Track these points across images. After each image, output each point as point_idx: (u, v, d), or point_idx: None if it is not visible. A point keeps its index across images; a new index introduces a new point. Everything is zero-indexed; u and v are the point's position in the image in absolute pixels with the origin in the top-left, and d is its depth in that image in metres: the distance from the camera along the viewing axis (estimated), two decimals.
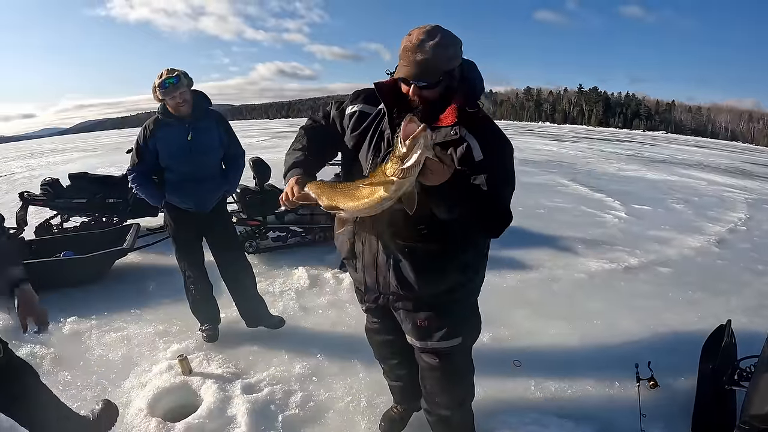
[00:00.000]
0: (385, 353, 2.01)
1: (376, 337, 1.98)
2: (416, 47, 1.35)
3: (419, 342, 1.69)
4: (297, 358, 2.70)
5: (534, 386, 2.46)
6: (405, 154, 1.17)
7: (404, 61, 1.38)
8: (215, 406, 2.23)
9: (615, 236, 5.46)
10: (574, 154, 16.23)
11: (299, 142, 1.63)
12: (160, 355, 2.75)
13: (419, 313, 1.64)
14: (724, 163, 17.31)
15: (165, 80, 2.49)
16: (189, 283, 2.87)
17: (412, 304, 1.63)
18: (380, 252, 1.56)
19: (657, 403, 2.30)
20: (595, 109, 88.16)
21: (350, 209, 1.32)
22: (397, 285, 1.58)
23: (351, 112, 1.60)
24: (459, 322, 1.67)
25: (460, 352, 1.71)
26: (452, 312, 1.64)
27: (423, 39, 1.35)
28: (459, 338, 1.67)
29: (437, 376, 1.75)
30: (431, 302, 1.61)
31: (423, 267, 1.54)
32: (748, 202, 8.34)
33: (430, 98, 1.41)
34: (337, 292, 3.65)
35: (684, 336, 3.03)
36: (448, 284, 1.58)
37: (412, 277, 1.55)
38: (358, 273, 1.69)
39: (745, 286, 4.05)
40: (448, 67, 1.39)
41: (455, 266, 1.57)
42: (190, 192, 2.67)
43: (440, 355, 1.69)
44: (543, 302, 3.50)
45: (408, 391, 2.05)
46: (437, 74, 1.37)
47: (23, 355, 2.74)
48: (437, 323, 1.64)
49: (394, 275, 1.57)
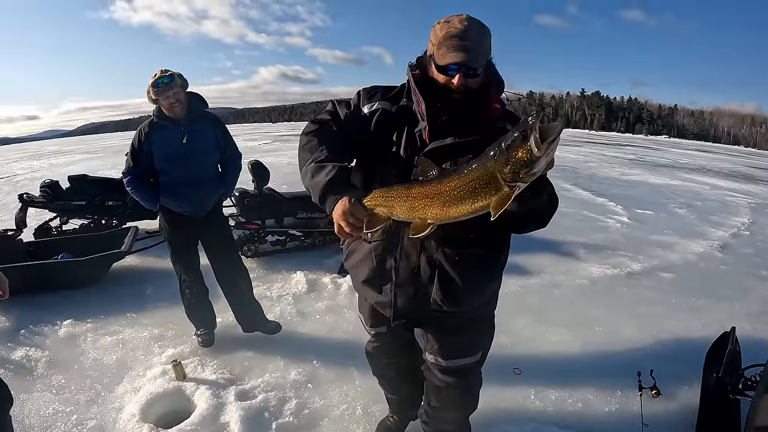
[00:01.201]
0: (388, 373, 1.93)
1: (381, 360, 1.88)
2: (464, 34, 1.26)
3: (445, 362, 1.57)
4: (293, 364, 2.67)
5: (534, 395, 2.42)
6: (538, 156, 1.01)
7: (450, 48, 1.26)
8: (208, 413, 2.21)
9: (617, 241, 5.42)
10: (577, 159, 16.19)
11: (320, 152, 1.36)
12: (154, 359, 2.73)
13: (452, 332, 1.53)
14: (727, 168, 17.27)
15: (158, 80, 2.47)
16: (184, 288, 2.85)
17: (450, 322, 1.50)
18: (423, 264, 1.40)
19: (659, 413, 2.26)
20: (597, 114, 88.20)
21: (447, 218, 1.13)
22: (442, 300, 1.42)
23: (372, 110, 1.43)
24: (482, 337, 1.61)
25: (477, 366, 1.64)
26: (480, 327, 1.58)
27: (468, 26, 1.27)
28: (479, 353, 1.61)
29: (451, 395, 1.66)
30: (467, 318, 1.51)
31: (472, 275, 1.40)
32: (751, 206, 8.29)
33: (473, 87, 1.32)
34: (336, 297, 3.62)
35: (687, 343, 2.98)
36: (486, 294, 1.50)
37: (461, 288, 1.40)
38: (383, 295, 1.49)
39: (749, 292, 4.00)
40: (489, 56, 1.34)
41: (497, 272, 1.49)
42: (185, 195, 2.64)
43: (459, 374, 1.60)
44: (544, 308, 3.46)
45: (405, 403, 2.01)
46: (484, 62, 1.31)
47: (18, 357, 2.75)
48: (466, 340, 1.56)
49: (439, 289, 1.41)
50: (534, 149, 1.00)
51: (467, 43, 1.26)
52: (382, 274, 1.47)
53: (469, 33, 1.27)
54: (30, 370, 2.65)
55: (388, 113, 1.42)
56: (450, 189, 1.11)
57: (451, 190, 1.11)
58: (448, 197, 1.11)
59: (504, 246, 1.48)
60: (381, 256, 1.45)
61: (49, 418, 2.24)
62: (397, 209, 1.18)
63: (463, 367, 1.59)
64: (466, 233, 1.34)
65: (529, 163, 1.02)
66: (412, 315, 1.50)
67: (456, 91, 1.31)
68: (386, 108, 1.42)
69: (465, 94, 1.31)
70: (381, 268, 1.46)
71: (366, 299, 1.65)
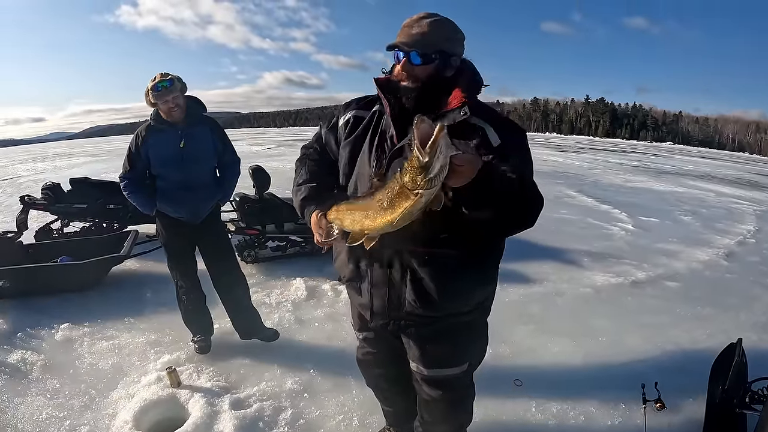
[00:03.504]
0: (380, 384, 1.90)
1: (371, 370, 1.86)
2: (414, 22, 1.32)
3: (426, 370, 1.56)
4: (289, 372, 2.63)
5: (535, 407, 2.37)
6: (428, 162, 1.01)
7: (399, 35, 1.33)
8: (202, 421, 2.18)
9: (622, 249, 5.37)
10: (581, 165, 16.18)
11: (300, 177, 1.57)
12: (150, 365, 2.71)
13: (432, 339, 1.51)
14: (732, 174, 17.18)
15: (158, 83, 2.45)
16: (181, 293, 2.83)
17: (428, 328, 1.48)
18: (395, 264, 1.41)
19: (664, 427, 2.22)
20: (602, 120, 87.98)
21: (374, 229, 1.18)
22: (415, 301, 1.41)
23: (345, 121, 1.49)
24: (469, 347, 1.58)
25: (464, 377, 1.61)
26: (465, 335, 1.54)
27: (422, 16, 1.33)
28: (466, 364, 1.58)
29: (439, 408, 1.64)
30: (447, 324, 1.48)
31: (445, 277, 1.38)
32: (757, 213, 8.22)
33: (421, 77, 1.32)
34: (335, 304, 3.58)
35: (692, 354, 2.93)
36: (469, 299, 1.46)
37: (432, 289, 1.39)
38: (363, 296, 1.51)
39: (755, 301, 3.94)
40: (445, 47, 1.33)
41: (480, 277, 1.45)
42: (182, 200, 2.62)
43: (443, 386, 1.58)
44: (546, 318, 3.41)
45: (401, 416, 1.96)
46: (431, 48, 1.31)
47: (14, 360, 2.75)
48: (449, 349, 1.53)
49: (412, 290, 1.40)
50: (420, 156, 1.01)
51: (414, 30, 1.31)
52: (358, 275, 1.50)
53: (420, 22, 1.32)
54: (25, 373, 2.64)
55: (360, 119, 1.46)
56: (376, 201, 1.16)
57: (376, 203, 1.15)
58: (375, 209, 1.16)
59: (487, 251, 1.44)
60: (355, 257, 1.48)
61: (42, 423, 2.22)
62: (345, 221, 1.27)
63: (448, 378, 1.57)
64: (436, 233, 1.32)
65: (422, 169, 1.02)
66: (389, 317, 1.49)
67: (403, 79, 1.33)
68: (359, 115, 1.47)
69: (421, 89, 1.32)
70: (357, 269, 1.50)
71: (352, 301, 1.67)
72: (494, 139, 1.28)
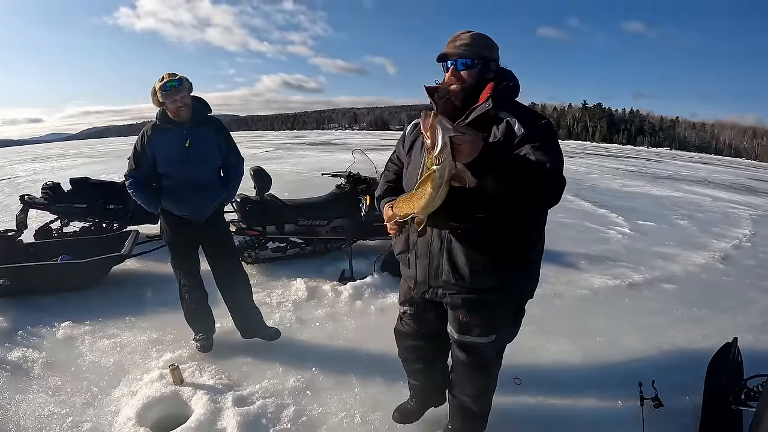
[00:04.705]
0: (410, 357, 2.07)
1: (406, 341, 2.04)
2: (458, 36, 1.61)
3: (457, 335, 1.79)
4: (291, 370, 2.65)
5: (535, 405, 2.40)
6: (431, 143, 1.29)
7: (447, 48, 1.61)
8: (205, 418, 2.19)
9: (619, 252, 5.41)
10: (579, 170, 16.22)
11: (380, 181, 1.94)
12: (152, 363, 2.72)
13: (462, 310, 1.72)
14: (729, 179, 17.30)
15: (167, 83, 2.47)
16: (184, 292, 2.84)
17: (461, 298, 1.69)
18: (434, 239, 1.65)
19: (661, 424, 2.23)
20: (599, 126, 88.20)
21: (418, 210, 1.42)
22: (449, 271, 1.64)
23: (407, 132, 1.81)
24: (497, 324, 1.76)
25: (492, 348, 1.81)
26: (496, 312, 1.72)
27: (463, 32, 1.62)
28: (493, 335, 1.76)
29: (466, 370, 1.86)
30: (478, 298, 1.67)
31: (473, 250, 1.60)
32: (753, 218, 8.29)
33: (466, 80, 1.58)
34: (335, 304, 3.60)
35: (689, 354, 2.97)
36: (494, 275, 1.62)
37: (463, 261, 1.61)
38: (410, 268, 1.78)
39: (751, 303, 3.98)
40: (485, 54, 1.59)
41: (511, 259, 1.63)
42: (187, 200, 2.64)
43: (470, 351, 1.80)
44: (545, 319, 3.42)
45: (425, 392, 2.14)
46: (475, 54, 1.57)
47: (15, 358, 2.75)
48: (478, 320, 1.73)
49: (447, 260, 1.64)
50: (425, 140, 1.31)
51: (458, 42, 1.59)
52: (407, 249, 1.77)
53: (463, 35, 1.60)
54: (26, 371, 2.64)
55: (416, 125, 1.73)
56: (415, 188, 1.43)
57: (415, 189, 1.43)
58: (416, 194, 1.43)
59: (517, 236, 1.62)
60: (406, 234, 1.76)
61: (44, 420, 2.23)
62: (401, 209, 1.52)
63: (475, 345, 1.78)
64: (472, 211, 1.53)
65: (430, 150, 1.30)
66: (428, 285, 1.74)
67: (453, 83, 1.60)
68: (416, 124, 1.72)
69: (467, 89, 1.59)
70: (407, 243, 1.77)
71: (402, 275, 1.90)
72: (518, 130, 1.50)
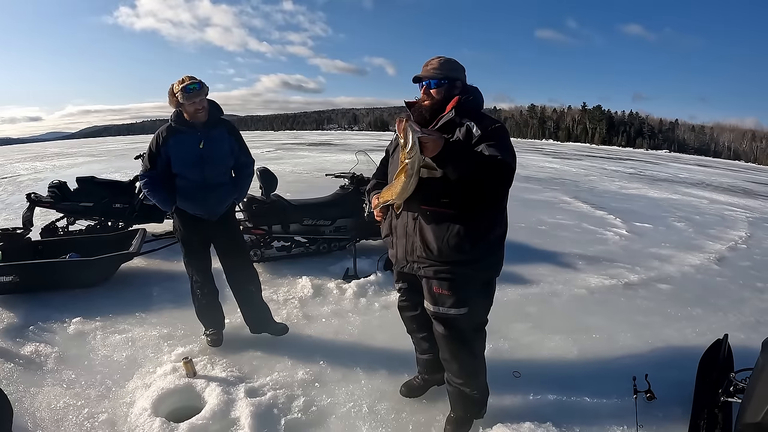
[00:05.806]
0: (412, 327, 2.32)
1: (405, 313, 2.31)
2: (430, 61, 1.98)
3: (432, 307, 2.01)
4: (300, 364, 2.73)
5: (532, 396, 2.48)
6: (404, 142, 1.64)
7: (422, 71, 1.97)
8: (219, 408, 2.26)
9: (616, 253, 5.49)
10: (577, 172, 16.32)
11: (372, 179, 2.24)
12: (164, 357, 2.78)
13: (435, 281, 1.96)
14: (726, 182, 17.39)
15: (188, 85, 2.54)
16: (195, 288, 2.91)
17: (433, 270, 1.94)
18: (409, 221, 1.95)
19: (654, 415, 2.32)
20: (598, 128, 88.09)
21: (395, 197, 1.77)
22: (421, 246, 1.92)
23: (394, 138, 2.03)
24: (469, 295, 1.97)
25: (467, 322, 2.00)
26: (464, 285, 1.95)
27: (434, 58, 1.98)
28: (465, 308, 1.96)
29: (446, 344, 2.04)
30: (449, 272, 1.92)
31: (441, 228, 1.87)
32: (749, 220, 8.39)
33: (435, 97, 1.93)
34: (341, 302, 3.68)
35: (682, 351, 3.04)
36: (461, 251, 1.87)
37: (432, 238, 1.89)
38: (394, 248, 2.07)
39: (744, 303, 4.07)
40: (451, 75, 1.94)
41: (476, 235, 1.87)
42: (200, 199, 2.72)
43: (446, 324, 2.00)
44: (543, 316, 3.52)
45: (432, 364, 2.34)
46: (443, 76, 1.93)
47: (28, 352, 2.79)
48: (449, 292, 1.95)
49: (419, 238, 1.92)
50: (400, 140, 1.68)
51: (428, 66, 1.96)
52: (390, 231, 2.09)
53: (431, 62, 1.97)
54: (40, 365, 2.68)
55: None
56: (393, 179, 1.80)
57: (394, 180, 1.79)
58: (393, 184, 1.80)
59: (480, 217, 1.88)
60: (389, 219, 2.08)
61: (60, 411, 2.28)
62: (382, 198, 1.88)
63: (448, 318, 1.99)
64: (438, 197, 1.84)
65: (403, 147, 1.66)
66: (406, 261, 2.02)
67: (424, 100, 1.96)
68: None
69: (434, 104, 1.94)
70: (390, 227, 2.09)
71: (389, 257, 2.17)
72: (476, 132, 1.84)
